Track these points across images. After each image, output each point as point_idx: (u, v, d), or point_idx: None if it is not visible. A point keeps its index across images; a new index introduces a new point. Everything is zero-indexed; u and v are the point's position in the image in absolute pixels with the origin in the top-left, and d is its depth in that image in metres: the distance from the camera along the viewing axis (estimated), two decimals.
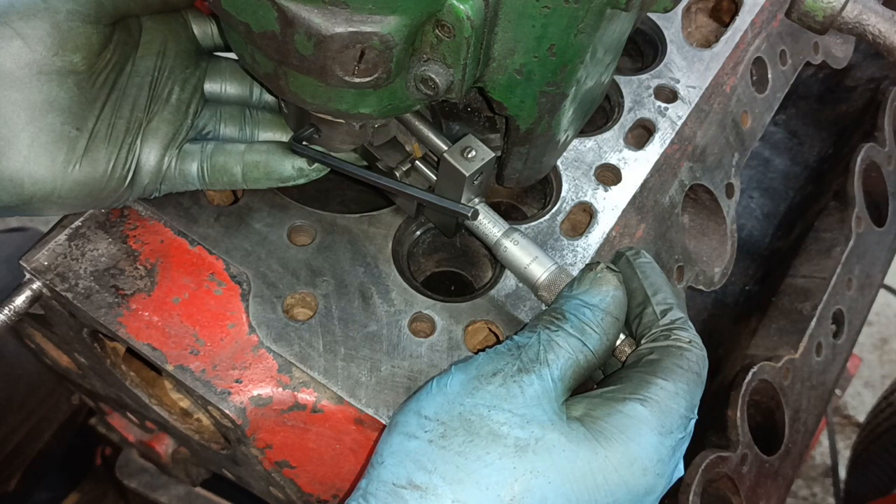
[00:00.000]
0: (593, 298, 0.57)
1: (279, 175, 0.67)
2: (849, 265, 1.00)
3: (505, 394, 0.52)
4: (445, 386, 0.53)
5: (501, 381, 0.52)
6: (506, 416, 0.51)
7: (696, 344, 0.57)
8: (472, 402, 0.52)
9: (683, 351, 0.56)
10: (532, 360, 0.53)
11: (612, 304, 0.57)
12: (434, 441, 0.50)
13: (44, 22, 0.55)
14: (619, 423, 0.52)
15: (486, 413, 0.51)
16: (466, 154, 0.61)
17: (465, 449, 0.50)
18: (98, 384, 0.93)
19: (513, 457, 0.50)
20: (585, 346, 0.55)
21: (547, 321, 0.56)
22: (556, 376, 0.53)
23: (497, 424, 0.51)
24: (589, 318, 0.56)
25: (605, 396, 0.54)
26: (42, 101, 0.56)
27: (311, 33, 0.48)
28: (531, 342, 0.54)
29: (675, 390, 0.54)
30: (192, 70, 0.66)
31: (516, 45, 0.53)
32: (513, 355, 0.54)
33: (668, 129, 0.81)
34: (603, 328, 0.56)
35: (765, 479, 0.87)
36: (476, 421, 0.51)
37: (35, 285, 0.66)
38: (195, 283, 0.66)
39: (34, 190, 0.58)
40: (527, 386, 0.52)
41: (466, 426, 0.51)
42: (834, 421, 2.20)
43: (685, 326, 0.58)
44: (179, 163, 0.65)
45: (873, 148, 1.06)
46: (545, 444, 0.50)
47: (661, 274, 0.62)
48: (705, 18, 0.99)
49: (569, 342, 0.55)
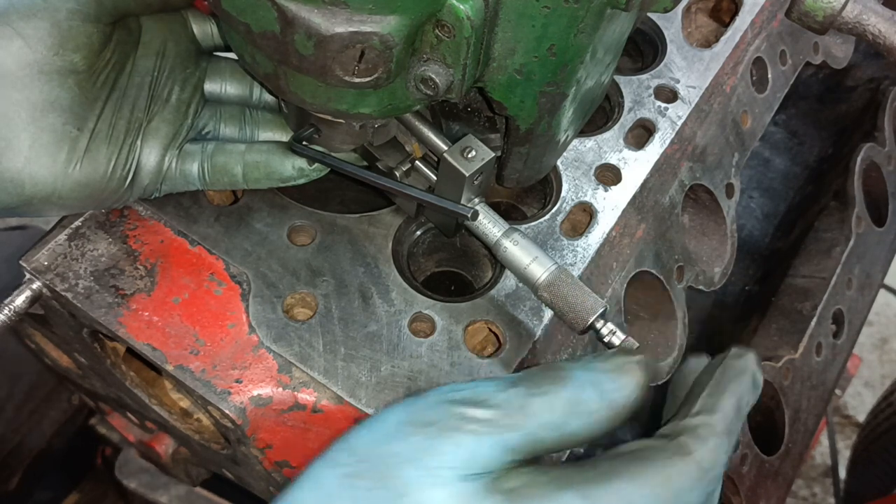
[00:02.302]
0: (608, 383, 0.47)
1: (279, 175, 0.67)
2: (849, 265, 1.00)
3: (430, 448, 0.45)
4: (380, 422, 0.47)
5: (436, 432, 0.45)
6: (418, 475, 0.45)
7: (696, 460, 0.46)
8: (397, 449, 0.46)
9: (671, 457, 0.46)
10: (482, 420, 0.46)
11: (621, 401, 0.47)
12: (347, 475, 0.46)
13: (44, 21, 0.55)
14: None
15: (404, 464, 0.45)
16: (466, 154, 0.61)
17: (368, 496, 0.45)
18: (98, 384, 0.93)
19: None
20: (560, 427, 0.46)
21: (540, 378, 0.48)
22: (503, 447, 0.45)
23: (404, 481, 0.45)
24: (589, 401, 0.47)
25: (554, 476, 0.45)
26: (43, 100, 0.56)
27: (311, 33, 0.48)
28: (499, 399, 0.46)
29: (628, 500, 0.44)
30: (192, 70, 0.66)
31: (516, 45, 0.53)
32: (464, 407, 0.46)
33: (668, 129, 0.81)
34: (596, 419, 0.47)
35: (765, 479, 0.87)
36: (391, 469, 0.45)
37: (35, 285, 0.66)
38: (195, 283, 0.66)
39: (35, 190, 0.58)
40: (456, 446, 0.45)
41: (379, 472, 0.45)
42: (834, 421, 2.20)
43: (705, 435, 0.47)
44: (180, 163, 0.65)
45: (873, 148, 1.06)
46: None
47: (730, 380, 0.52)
48: (705, 18, 0.99)
49: (542, 417, 0.46)
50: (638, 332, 0.80)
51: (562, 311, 0.61)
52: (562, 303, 0.60)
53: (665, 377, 0.78)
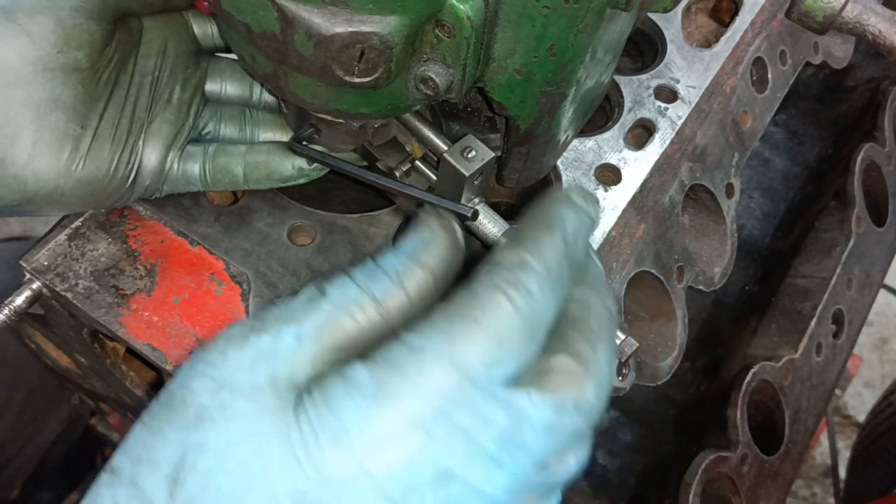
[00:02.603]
0: (404, 244, 0.44)
1: (279, 175, 0.67)
2: (849, 265, 1.00)
3: (218, 360, 0.41)
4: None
5: (223, 345, 0.41)
6: (202, 384, 0.40)
7: (498, 287, 0.39)
8: (185, 375, 0.41)
9: (467, 294, 0.40)
10: (277, 319, 0.41)
11: (419, 248, 0.43)
12: (144, 421, 0.42)
13: (48, 18, 0.55)
14: (330, 386, 0.39)
15: (188, 383, 0.41)
16: (466, 154, 0.61)
17: (152, 423, 0.41)
18: (98, 384, 0.93)
19: (187, 428, 0.40)
20: (366, 294, 0.41)
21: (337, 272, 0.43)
22: (305, 334, 0.40)
23: (189, 393, 0.41)
24: (386, 262, 0.42)
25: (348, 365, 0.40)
26: (47, 98, 0.56)
27: (311, 33, 0.48)
28: (293, 298, 0.42)
29: (419, 345, 0.39)
30: (192, 70, 0.66)
31: (516, 45, 0.53)
32: (261, 315, 0.42)
33: (668, 129, 0.81)
34: (400, 274, 0.42)
35: (765, 479, 0.87)
36: (176, 392, 0.41)
37: (35, 285, 0.66)
38: (195, 283, 0.66)
39: (37, 188, 0.57)
40: (248, 348, 0.41)
41: (168, 400, 0.41)
42: (834, 421, 2.20)
43: (507, 264, 0.40)
44: (182, 164, 0.65)
45: (873, 148, 1.06)
46: (228, 413, 0.39)
47: (548, 212, 0.43)
48: (705, 18, 0.99)
49: (345, 290, 0.41)
50: (638, 332, 0.80)
51: None
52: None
53: (665, 377, 0.78)
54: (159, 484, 0.39)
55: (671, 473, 0.85)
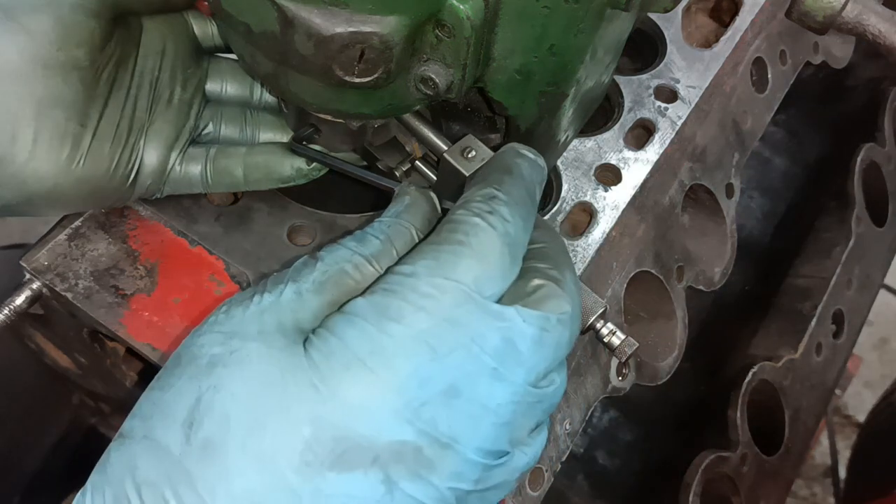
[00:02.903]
0: (386, 212, 0.49)
1: (279, 176, 0.67)
2: (849, 265, 1.01)
3: (224, 319, 0.44)
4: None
5: (226, 307, 0.44)
6: (209, 338, 0.43)
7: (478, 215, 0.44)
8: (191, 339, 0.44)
9: (449, 224, 0.44)
10: (272, 283, 0.44)
11: (403, 211, 0.48)
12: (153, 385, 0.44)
13: (48, 16, 0.55)
14: (334, 323, 0.42)
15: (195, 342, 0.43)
16: (466, 154, 0.61)
17: (162, 383, 0.43)
18: (98, 384, 0.93)
19: (199, 377, 0.42)
20: (357, 253, 0.45)
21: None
22: (305, 288, 0.43)
23: (197, 347, 0.43)
24: (372, 228, 0.47)
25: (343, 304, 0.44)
26: (47, 96, 0.55)
27: (311, 33, 0.48)
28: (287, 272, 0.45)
29: (411, 271, 0.42)
30: (193, 70, 0.66)
31: (516, 45, 0.53)
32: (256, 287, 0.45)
33: (668, 129, 0.81)
34: (387, 234, 0.46)
35: (765, 479, 0.87)
36: (182, 352, 0.43)
37: (35, 285, 0.66)
38: (195, 283, 0.66)
39: (37, 187, 0.57)
40: (253, 305, 0.43)
41: (174, 361, 0.44)
42: (834, 421, 2.20)
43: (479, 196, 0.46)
44: (184, 165, 0.65)
45: (873, 148, 1.06)
46: (239, 355, 0.41)
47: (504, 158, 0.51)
48: (705, 18, 0.99)
49: (336, 253, 0.45)
50: (638, 332, 0.80)
51: None
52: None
53: (665, 377, 0.78)
54: (175, 431, 0.41)
55: (671, 473, 0.85)
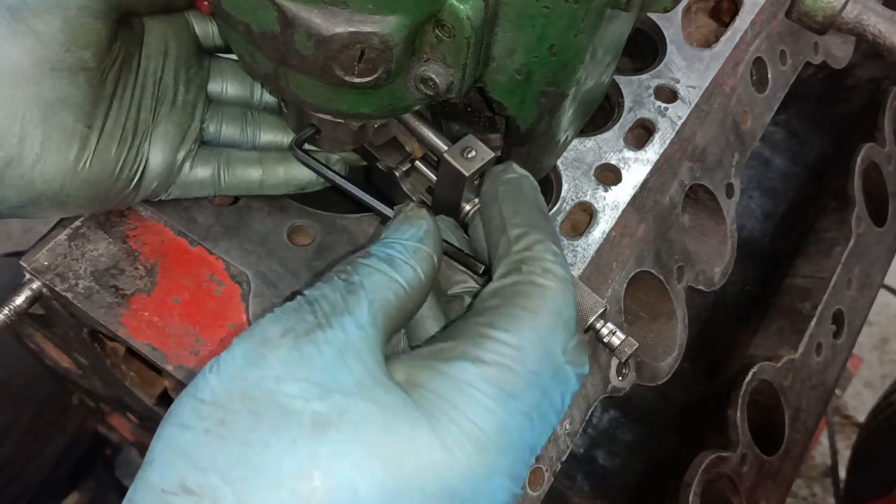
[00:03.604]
0: (402, 235, 0.49)
1: (297, 182, 0.67)
2: (849, 265, 1.01)
3: (298, 358, 0.41)
4: (226, 362, 0.42)
5: (292, 342, 0.42)
6: (300, 387, 0.40)
7: (551, 276, 0.46)
8: (258, 375, 0.41)
9: (535, 288, 0.46)
10: (329, 312, 0.43)
11: (425, 237, 0.49)
12: (211, 430, 0.40)
13: (55, 18, 0.55)
14: (444, 389, 0.42)
15: (275, 386, 0.40)
16: (466, 154, 0.61)
17: (250, 436, 0.39)
18: (98, 384, 0.93)
19: (310, 439, 0.39)
20: (395, 280, 0.45)
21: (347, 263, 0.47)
22: (364, 321, 0.43)
23: (288, 399, 0.40)
24: (398, 251, 0.47)
25: (429, 356, 0.44)
26: (55, 98, 0.56)
27: (311, 33, 0.48)
28: (324, 291, 0.44)
29: (519, 344, 0.43)
30: (195, 70, 0.66)
31: (516, 45, 0.53)
32: (305, 310, 0.43)
33: (668, 129, 0.81)
34: (415, 260, 0.47)
35: (765, 479, 0.87)
36: (262, 398, 0.40)
37: (35, 285, 0.66)
38: (195, 283, 0.66)
39: (44, 188, 0.57)
40: (325, 344, 0.42)
41: (251, 406, 0.40)
42: (834, 421, 2.20)
43: (542, 253, 0.48)
44: (193, 168, 0.65)
45: (873, 148, 1.06)
46: (352, 417, 0.40)
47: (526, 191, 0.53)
48: (705, 18, 0.99)
49: (373, 279, 0.45)
50: (638, 332, 0.80)
51: None
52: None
53: (665, 377, 0.78)
54: (283, 499, 0.38)
55: (671, 473, 0.85)
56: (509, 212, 0.51)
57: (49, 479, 1.25)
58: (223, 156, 0.66)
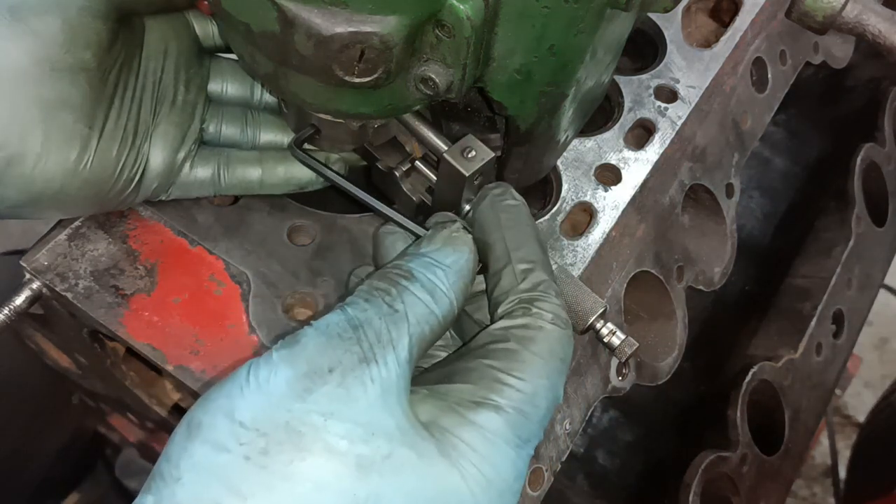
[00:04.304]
0: (446, 259, 0.49)
1: (297, 181, 0.67)
2: (849, 265, 1.01)
3: (344, 396, 0.42)
4: (267, 382, 0.42)
5: (339, 378, 0.42)
6: (346, 428, 0.41)
7: (559, 320, 0.49)
8: (304, 409, 0.41)
9: (544, 333, 0.48)
10: (374, 343, 0.44)
11: (465, 267, 0.50)
12: (252, 458, 0.40)
13: (56, 18, 0.54)
14: (472, 439, 0.44)
15: (322, 423, 0.41)
16: (466, 154, 0.61)
17: (292, 469, 0.40)
18: (98, 384, 0.93)
19: (353, 480, 0.40)
20: (434, 313, 0.47)
21: (388, 282, 0.47)
22: (404, 358, 0.44)
23: (335, 438, 0.41)
24: (440, 280, 0.48)
25: (452, 399, 0.46)
26: (55, 98, 0.55)
27: (311, 33, 0.48)
28: (370, 315, 0.45)
29: (534, 391, 0.46)
30: (195, 70, 0.66)
31: (516, 45, 0.53)
32: (351, 339, 0.44)
33: (668, 129, 0.81)
34: (454, 293, 0.48)
35: (765, 479, 0.87)
36: (309, 434, 0.41)
37: (35, 285, 0.66)
38: (195, 283, 0.66)
39: (44, 188, 0.57)
40: (370, 382, 0.43)
41: (296, 440, 0.40)
42: (834, 421, 2.20)
43: (547, 295, 0.50)
44: (193, 168, 0.65)
45: (873, 148, 1.06)
46: (393, 462, 0.42)
47: (527, 222, 0.54)
48: (705, 18, 0.99)
49: (416, 310, 0.46)
50: (638, 332, 0.80)
51: None
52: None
53: (665, 377, 0.78)
54: None
55: (671, 473, 0.85)
56: (513, 243, 0.52)
57: (48, 477, 1.25)
58: (223, 156, 0.66)
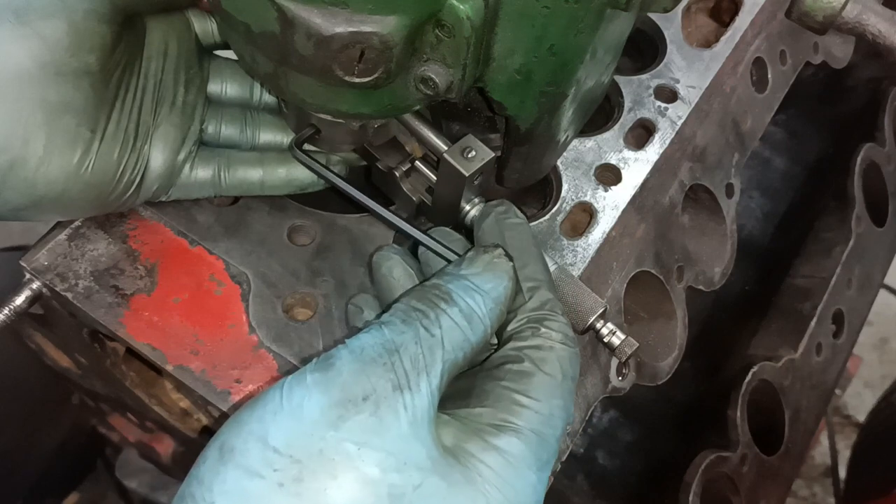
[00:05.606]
0: (486, 284, 0.49)
1: (299, 182, 0.67)
2: (849, 265, 1.01)
3: (377, 426, 0.42)
4: (301, 408, 0.42)
5: (373, 407, 0.42)
6: (379, 457, 0.41)
7: (567, 340, 0.50)
8: (337, 437, 0.41)
9: (555, 354, 0.49)
10: (409, 369, 0.44)
11: (503, 294, 0.50)
12: (286, 485, 0.40)
13: (62, 22, 0.54)
14: (496, 464, 0.44)
15: (355, 452, 0.41)
16: (466, 154, 0.61)
17: (327, 498, 0.40)
18: (98, 384, 0.93)
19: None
20: (468, 339, 0.47)
21: (427, 303, 0.47)
22: (435, 385, 0.45)
23: (368, 467, 0.41)
24: (479, 305, 0.48)
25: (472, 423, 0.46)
26: (59, 101, 0.55)
27: (311, 33, 0.48)
28: (406, 339, 0.45)
29: (550, 411, 0.47)
30: (195, 71, 0.66)
31: (516, 45, 0.53)
32: (385, 365, 0.44)
33: (668, 129, 0.81)
34: (490, 320, 0.48)
35: (765, 479, 0.87)
36: (342, 462, 0.41)
37: (35, 285, 0.66)
38: (195, 283, 0.66)
39: (46, 191, 0.57)
40: (403, 410, 0.43)
41: (329, 469, 0.41)
42: (834, 421, 2.20)
43: (555, 314, 0.51)
44: (194, 169, 0.65)
45: (873, 148, 1.06)
46: (423, 491, 0.42)
47: (531, 240, 0.55)
48: (705, 18, 0.99)
49: (452, 336, 0.46)
50: (638, 332, 0.80)
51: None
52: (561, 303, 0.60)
53: (665, 377, 0.78)
54: None
55: (671, 473, 0.85)
56: (518, 262, 0.53)
57: (48, 476, 1.25)
58: (223, 157, 0.66)
